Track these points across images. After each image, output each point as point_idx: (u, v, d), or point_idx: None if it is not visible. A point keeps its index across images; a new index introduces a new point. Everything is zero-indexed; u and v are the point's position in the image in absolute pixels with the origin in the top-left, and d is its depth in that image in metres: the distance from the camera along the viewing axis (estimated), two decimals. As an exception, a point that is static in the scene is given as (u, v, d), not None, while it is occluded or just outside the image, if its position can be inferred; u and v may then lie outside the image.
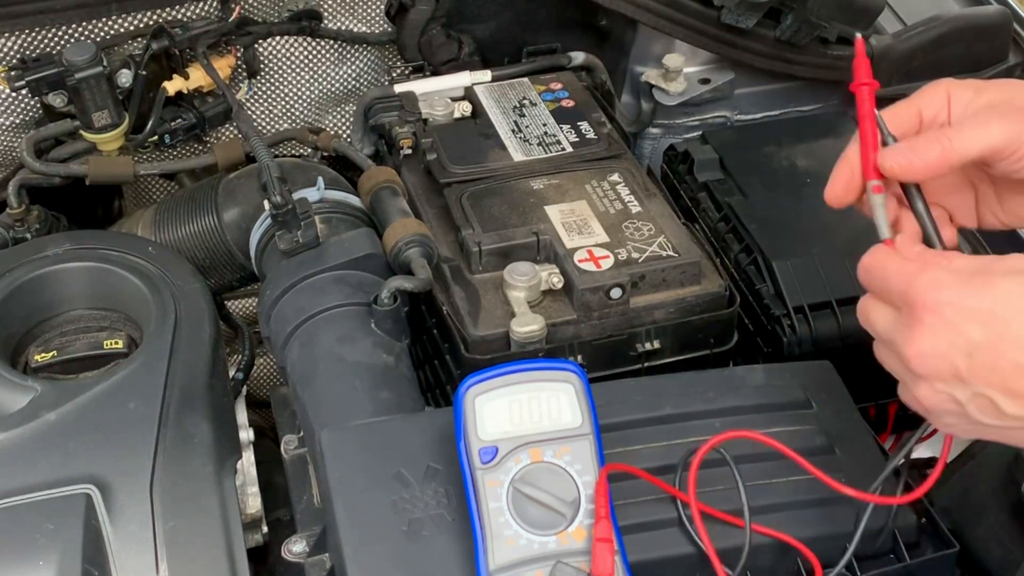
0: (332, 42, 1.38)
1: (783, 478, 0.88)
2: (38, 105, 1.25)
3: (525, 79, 1.33)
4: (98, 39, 1.24)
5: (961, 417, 0.73)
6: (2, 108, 1.26)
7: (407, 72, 1.37)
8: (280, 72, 1.38)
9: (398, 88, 1.29)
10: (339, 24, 1.38)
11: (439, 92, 1.30)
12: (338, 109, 1.45)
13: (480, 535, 0.77)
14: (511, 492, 0.78)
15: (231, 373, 1.19)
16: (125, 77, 1.22)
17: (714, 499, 0.85)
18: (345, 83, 1.42)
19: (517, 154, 1.20)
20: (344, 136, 1.43)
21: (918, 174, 0.79)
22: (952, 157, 0.78)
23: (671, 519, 0.85)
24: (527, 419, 0.80)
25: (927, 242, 0.80)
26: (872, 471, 0.90)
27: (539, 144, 1.21)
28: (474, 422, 0.79)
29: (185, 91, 1.26)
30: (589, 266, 1.04)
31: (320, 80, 1.40)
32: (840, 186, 0.81)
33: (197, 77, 1.26)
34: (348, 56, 1.40)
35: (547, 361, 0.82)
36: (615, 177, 1.16)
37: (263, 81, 1.38)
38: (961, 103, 0.80)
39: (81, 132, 1.21)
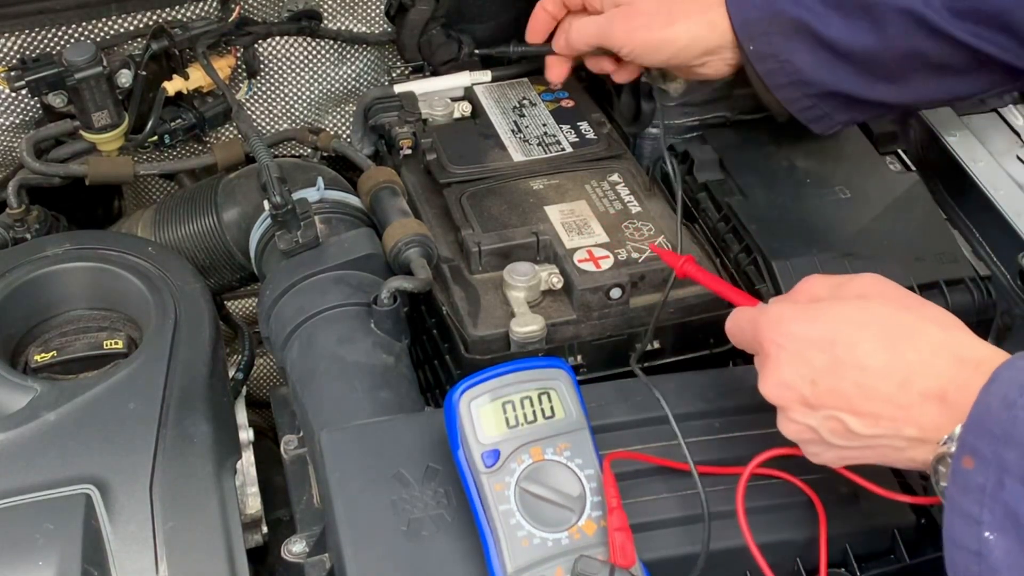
0: (332, 42, 1.38)
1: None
2: (38, 105, 1.25)
3: (525, 79, 1.33)
4: (98, 39, 1.24)
5: (821, 444, 0.77)
6: (2, 108, 1.26)
7: (407, 72, 1.37)
8: (280, 72, 1.38)
9: (398, 88, 1.29)
10: (339, 24, 1.38)
11: (439, 92, 1.30)
12: (338, 109, 1.45)
13: (492, 539, 0.77)
14: (518, 493, 0.78)
15: (231, 373, 1.19)
16: (125, 77, 1.22)
17: (712, 498, 0.85)
18: (345, 83, 1.42)
19: (517, 154, 1.20)
20: (344, 136, 1.43)
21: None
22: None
23: (671, 519, 0.85)
24: (523, 419, 0.80)
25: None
26: (872, 470, 0.90)
27: (539, 144, 1.21)
28: (472, 427, 0.79)
29: (185, 91, 1.26)
30: (589, 266, 1.04)
31: (320, 80, 1.40)
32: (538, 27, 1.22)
33: (197, 77, 1.26)
34: (348, 56, 1.40)
35: (533, 360, 0.82)
36: (615, 177, 1.16)
37: (263, 81, 1.38)
38: None
39: (81, 132, 1.21)
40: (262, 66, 1.36)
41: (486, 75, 1.32)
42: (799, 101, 1.11)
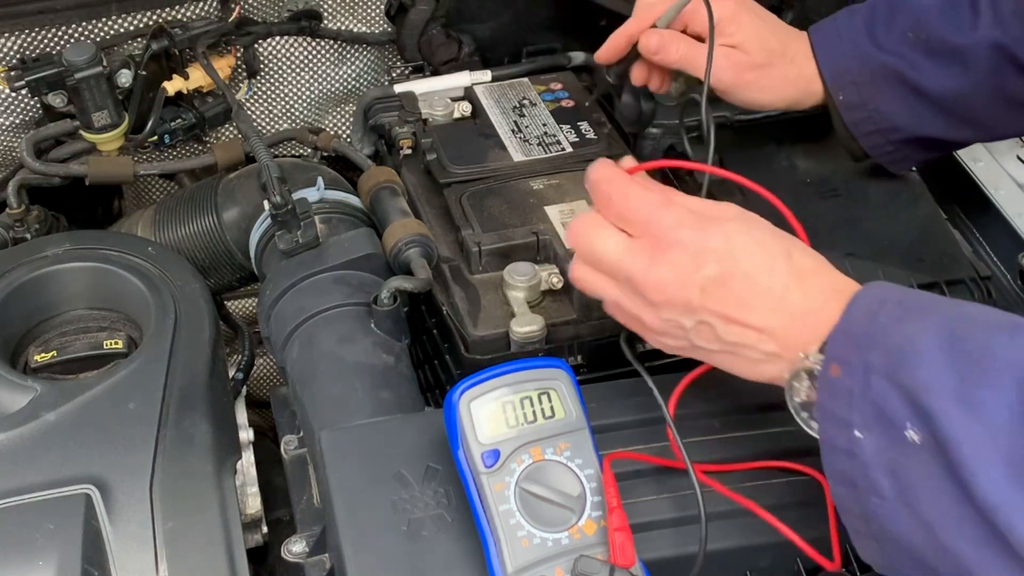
0: (332, 42, 1.38)
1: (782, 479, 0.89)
2: (38, 105, 1.25)
3: (525, 79, 1.33)
4: (98, 39, 1.24)
5: (682, 340, 0.83)
6: (2, 108, 1.26)
7: (407, 72, 1.37)
8: (280, 72, 1.38)
9: (398, 88, 1.29)
10: (339, 24, 1.38)
11: (439, 92, 1.29)
12: (338, 109, 1.45)
13: (492, 539, 0.77)
14: (519, 493, 0.78)
15: (231, 373, 1.19)
16: (125, 77, 1.22)
17: (711, 498, 0.85)
18: (345, 83, 1.42)
19: (517, 154, 1.20)
20: (344, 136, 1.43)
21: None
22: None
23: (671, 519, 0.85)
24: (523, 419, 0.80)
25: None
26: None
27: (539, 144, 1.21)
28: (472, 427, 0.79)
29: (185, 91, 1.26)
30: (589, 266, 1.04)
31: (320, 80, 1.40)
32: (612, 51, 1.12)
33: (197, 77, 1.26)
34: (348, 56, 1.40)
35: (533, 360, 0.82)
36: (615, 177, 1.16)
37: (263, 81, 1.38)
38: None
39: (81, 132, 1.21)
40: (262, 66, 1.36)
41: (486, 75, 1.32)
42: (882, 147, 1.12)
